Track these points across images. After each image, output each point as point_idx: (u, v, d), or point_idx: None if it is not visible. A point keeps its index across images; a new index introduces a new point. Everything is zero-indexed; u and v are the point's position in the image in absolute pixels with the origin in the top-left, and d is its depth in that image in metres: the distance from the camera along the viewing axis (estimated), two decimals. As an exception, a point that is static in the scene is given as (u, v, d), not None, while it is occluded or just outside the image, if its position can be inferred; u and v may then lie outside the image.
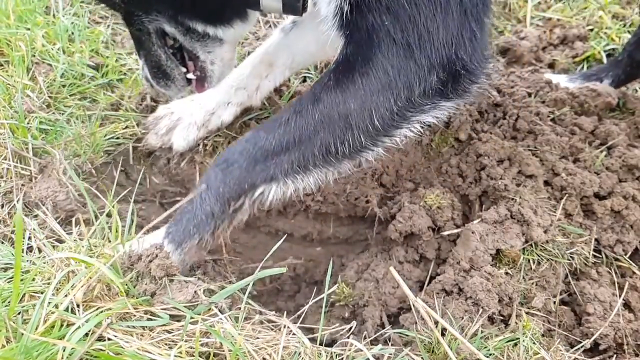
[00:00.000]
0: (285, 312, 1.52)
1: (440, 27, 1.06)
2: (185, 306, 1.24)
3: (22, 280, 1.21)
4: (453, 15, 1.06)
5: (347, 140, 1.21)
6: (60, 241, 1.47)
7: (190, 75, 1.67)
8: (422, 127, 1.24)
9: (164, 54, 1.56)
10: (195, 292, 1.22)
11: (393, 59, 1.10)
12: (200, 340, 1.18)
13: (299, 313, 1.44)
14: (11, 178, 1.67)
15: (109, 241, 1.38)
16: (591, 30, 2.60)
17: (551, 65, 2.45)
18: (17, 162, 1.72)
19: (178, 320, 1.24)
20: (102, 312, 1.18)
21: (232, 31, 1.46)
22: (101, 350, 1.12)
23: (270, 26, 2.47)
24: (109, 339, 1.17)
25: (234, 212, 1.28)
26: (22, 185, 1.68)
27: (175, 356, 1.14)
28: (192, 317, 1.23)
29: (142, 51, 1.58)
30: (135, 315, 1.21)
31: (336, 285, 1.57)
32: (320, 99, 1.19)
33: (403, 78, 1.11)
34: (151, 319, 1.22)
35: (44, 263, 1.31)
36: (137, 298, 1.24)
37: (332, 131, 1.20)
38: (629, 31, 2.53)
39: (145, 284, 1.23)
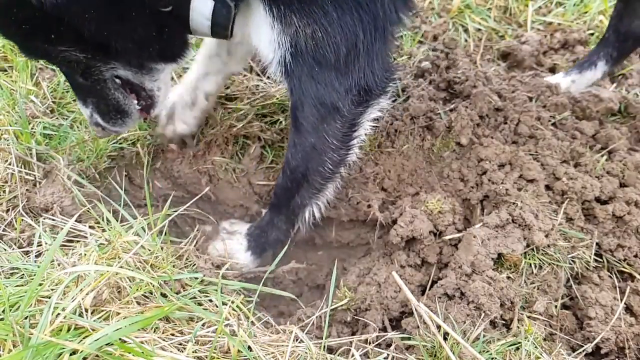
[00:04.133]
0: (289, 316, 1.53)
1: (354, 66, 1.39)
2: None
3: (27, 283, 1.22)
4: (361, 56, 1.38)
5: (327, 161, 1.58)
6: (69, 246, 1.48)
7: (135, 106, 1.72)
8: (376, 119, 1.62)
9: (121, 95, 1.62)
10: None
11: (320, 95, 1.43)
12: (208, 343, 1.20)
13: (306, 322, 1.45)
14: (15, 183, 1.68)
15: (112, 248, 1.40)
16: (592, 34, 2.61)
17: (552, 70, 2.45)
18: (21, 167, 1.73)
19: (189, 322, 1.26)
20: (128, 319, 1.19)
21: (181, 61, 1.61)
22: (109, 352, 1.13)
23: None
24: (114, 341, 1.17)
25: (294, 233, 1.79)
26: (27, 190, 1.68)
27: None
28: (200, 318, 1.24)
29: (92, 99, 1.61)
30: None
31: (338, 289, 1.57)
32: (295, 143, 1.56)
33: (331, 105, 1.45)
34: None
35: (54, 268, 1.32)
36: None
37: (315, 161, 1.57)
38: (629, 35, 2.54)
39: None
